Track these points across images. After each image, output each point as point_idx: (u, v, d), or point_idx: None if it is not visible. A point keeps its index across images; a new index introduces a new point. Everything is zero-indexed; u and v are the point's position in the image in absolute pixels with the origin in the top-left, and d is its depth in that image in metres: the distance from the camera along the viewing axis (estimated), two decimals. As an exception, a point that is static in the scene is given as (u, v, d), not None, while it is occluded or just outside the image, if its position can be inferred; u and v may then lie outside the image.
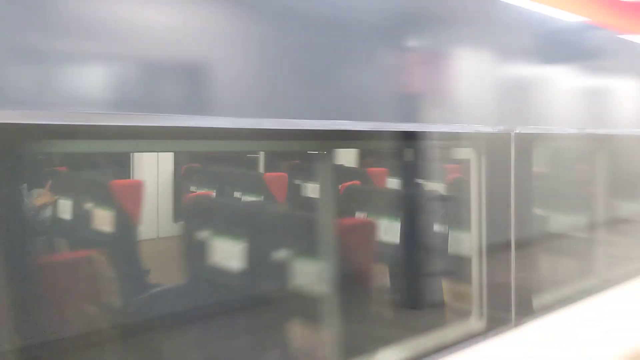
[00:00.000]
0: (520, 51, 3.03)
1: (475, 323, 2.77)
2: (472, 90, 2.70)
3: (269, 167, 2.40)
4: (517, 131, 2.87)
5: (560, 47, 3.26)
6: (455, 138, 2.66)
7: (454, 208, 2.80)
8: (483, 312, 2.78)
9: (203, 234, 2.46)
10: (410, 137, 2.37)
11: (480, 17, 2.77)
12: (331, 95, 2.10)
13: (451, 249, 2.81)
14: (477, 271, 2.84)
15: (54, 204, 3.10)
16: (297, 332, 2.24)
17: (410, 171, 2.55)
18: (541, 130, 3.04)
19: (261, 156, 2.95)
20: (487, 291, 2.81)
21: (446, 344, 2.54)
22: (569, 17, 3.34)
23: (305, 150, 2.34)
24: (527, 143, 2.92)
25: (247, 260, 2.29)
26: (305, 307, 2.21)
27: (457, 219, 2.83)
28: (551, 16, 3.24)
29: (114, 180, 3.17)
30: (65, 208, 3.17)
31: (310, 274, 2.21)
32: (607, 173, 3.70)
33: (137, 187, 3.13)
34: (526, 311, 2.99)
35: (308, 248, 2.21)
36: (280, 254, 2.31)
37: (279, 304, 2.23)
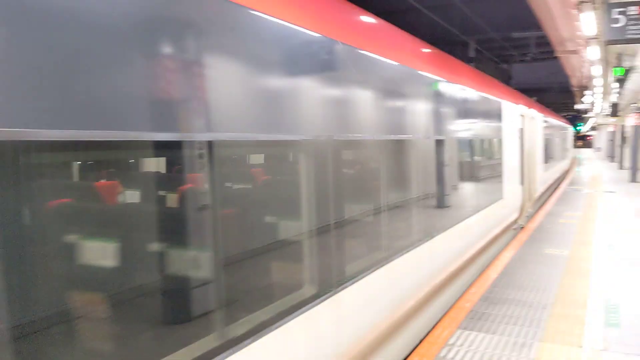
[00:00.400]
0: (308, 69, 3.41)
1: (308, 291, 3.34)
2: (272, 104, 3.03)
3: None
4: (334, 137, 3.59)
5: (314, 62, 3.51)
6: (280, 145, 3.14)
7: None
8: (315, 282, 3.38)
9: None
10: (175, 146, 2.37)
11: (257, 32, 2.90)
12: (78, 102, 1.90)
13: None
14: (307, 251, 3.34)
15: None
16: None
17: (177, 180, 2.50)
18: (349, 137, 3.77)
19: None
20: (317, 266, 3.39)
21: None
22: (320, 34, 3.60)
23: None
24: (339, 146, 3.63)
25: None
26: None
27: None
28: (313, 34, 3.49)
29: None
30: None
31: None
32: (387, 169, 4.52)
33: None
34: (342, 281, 3.69)
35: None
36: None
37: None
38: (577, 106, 34.56)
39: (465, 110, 7.07)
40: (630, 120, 23.72)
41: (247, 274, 2.84)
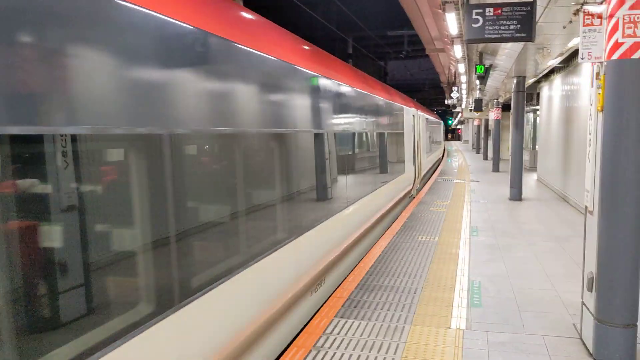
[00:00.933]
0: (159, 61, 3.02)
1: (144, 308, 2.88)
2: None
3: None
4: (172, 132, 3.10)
5: (185, 55, 3.29)
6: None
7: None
8: (150, 298, 2.91)
9: None
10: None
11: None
12: None
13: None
14: (142, 263, 2.87)
15: None
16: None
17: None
18: (188, 131, 3.26)
19: None
20: (153, 280, 2.93)
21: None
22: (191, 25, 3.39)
23: None
24: (179, 142, 3.18)
25: None
26: None
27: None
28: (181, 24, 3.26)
29: None
30: None
31: None
32: (238, 166, 4.06)
33: None
34: (188, 292, 3.25)
35: None
36: None
37: None
38: (447, 101, 36.77)
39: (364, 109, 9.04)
40: (492, 115, 25.68)
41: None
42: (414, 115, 15.84)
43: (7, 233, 2.08)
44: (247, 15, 4.60)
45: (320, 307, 6.04)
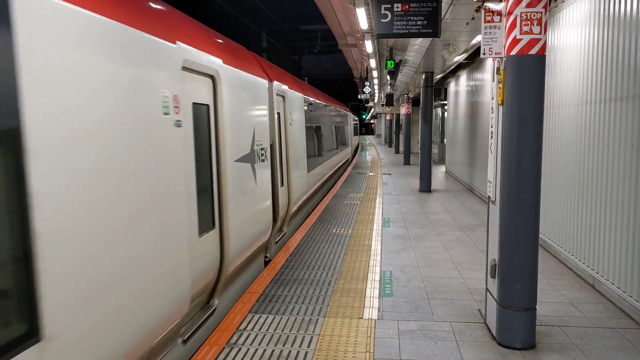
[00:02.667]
0: None
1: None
2: None
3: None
4: None
5: None
6: None
7: None
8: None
9: None
10: None
11: None
12: None
13: None
14: None
15: None
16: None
17: None
18: None
19: None
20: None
21: None
22: None
23: None
24: None
25: None
26: None
27: None
28: None
29: None
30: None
31: None
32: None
33: None
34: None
35: None
36: None
37: None
38: (360, 96, 37.45)
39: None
40: (402, 110, 26.41)
41: None
42: (348, 115, 14.33)
43: None
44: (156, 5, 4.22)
45: (235, 304, 5.93)
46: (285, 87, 9.09)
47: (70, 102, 2.83)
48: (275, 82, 8.32)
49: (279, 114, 8.64)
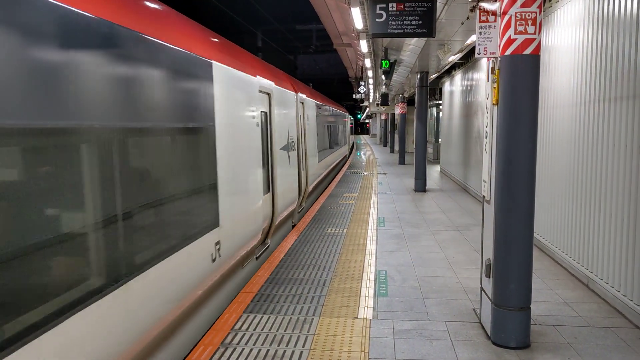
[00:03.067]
0: None
1: None
2: None
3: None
4: None
5: None
6: None
7: None
8: None
9: None
10: None
11: None
12: None
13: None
14: None
15: None
16: None
17: None
18: None
19: None
20: None
21: None
22: None
23: None
24: None
25: None
26: None
27: None
28: None
29: None
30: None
31: None
32: None
33: None
34: None
35: None
36: None
37: None
38: (355, 96, 37.49)
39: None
40: (397, 109, 26.44)
41: None
42: (347, 118, 18.92)
43: None
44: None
45: (230, 303, 5.93)
46: (304, 95, 11.81)
47: (229, 112, 5.73)
48: (299, 94, 11.16)
49: (300, 116, 11.33)
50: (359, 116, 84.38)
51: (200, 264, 4.82)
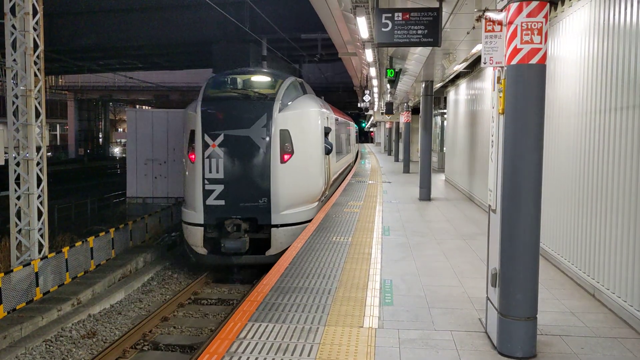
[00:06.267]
0: None
1: None
2: None
3: None
4: None
5: None
6: None
7: None
8: None
9: None
10: None
11: None
12: None
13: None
14: None
15: None
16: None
17: None
18: None
19: None
20: None
21: None
22: None
23: None
24: None
25: None
26: None
27: None
28: None
29: None
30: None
31: None
32: None
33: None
34: None
35: None
36: None
37: None
38: (360, 105, 37.60)
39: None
40: (402, 118, 26.48)
41: None
42: (352, 126, 27.92)
43: None
44: None
45: (234, 311, 5.93)
46: (330, 112, 17.02)
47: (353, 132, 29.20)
48: (331, 113, 17.39)
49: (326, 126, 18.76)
50: (363, 125, 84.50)
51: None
